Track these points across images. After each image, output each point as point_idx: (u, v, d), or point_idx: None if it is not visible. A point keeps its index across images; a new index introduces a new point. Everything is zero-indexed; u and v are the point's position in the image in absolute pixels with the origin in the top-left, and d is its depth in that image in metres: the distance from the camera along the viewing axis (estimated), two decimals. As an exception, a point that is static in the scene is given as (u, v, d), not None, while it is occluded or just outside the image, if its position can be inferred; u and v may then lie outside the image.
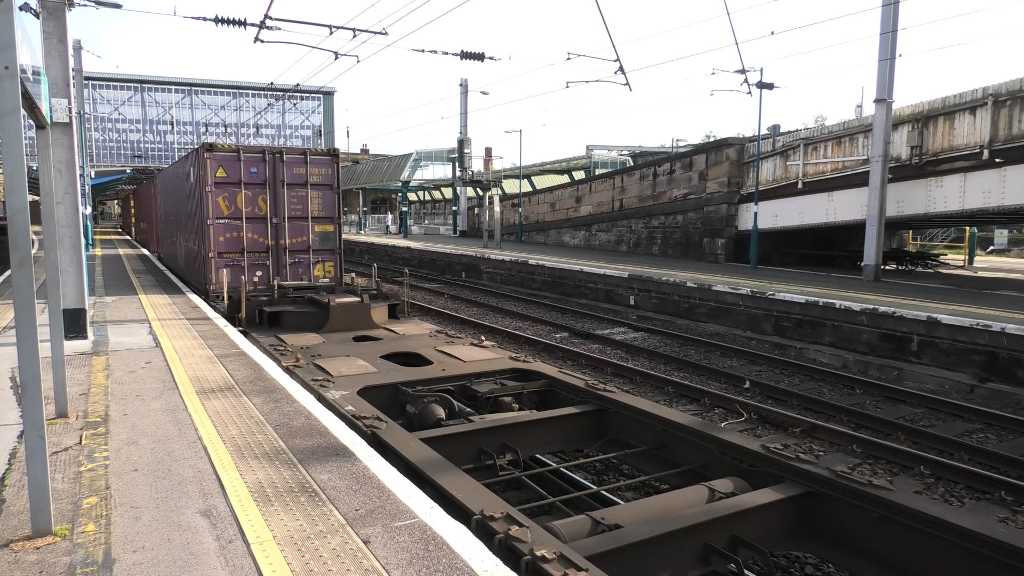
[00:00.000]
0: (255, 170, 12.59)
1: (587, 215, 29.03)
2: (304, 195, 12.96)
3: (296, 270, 13.12)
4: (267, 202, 12.71)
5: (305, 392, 6.06)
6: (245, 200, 12.53)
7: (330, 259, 13.43)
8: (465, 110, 35.73)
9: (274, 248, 12.88)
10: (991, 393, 9.76)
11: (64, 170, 8.25)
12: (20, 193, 3.29)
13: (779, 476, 4.80)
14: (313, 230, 13.15)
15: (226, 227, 12.49)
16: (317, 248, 13.24)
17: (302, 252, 13.16)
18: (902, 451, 7.35)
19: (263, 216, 12.74)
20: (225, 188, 12.39)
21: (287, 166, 12.78)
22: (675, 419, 5.76)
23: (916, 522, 4.07)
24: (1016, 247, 34.61)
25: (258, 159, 12.62)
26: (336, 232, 13.38)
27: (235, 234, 12.55)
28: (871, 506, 4.27)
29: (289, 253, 13.02)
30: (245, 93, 79.02)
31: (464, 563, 3.08)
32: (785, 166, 20.59)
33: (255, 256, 12.78)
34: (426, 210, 63.35)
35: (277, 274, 12.79)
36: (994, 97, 15.39)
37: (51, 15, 8.37)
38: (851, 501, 4.39)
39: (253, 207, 12.66)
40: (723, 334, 14.31)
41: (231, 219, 12.51)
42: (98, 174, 37.95)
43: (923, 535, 4.06)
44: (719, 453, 5.27)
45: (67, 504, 3.69)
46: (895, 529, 4.19)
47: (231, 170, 12.38)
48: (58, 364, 5.21)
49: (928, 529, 4.02)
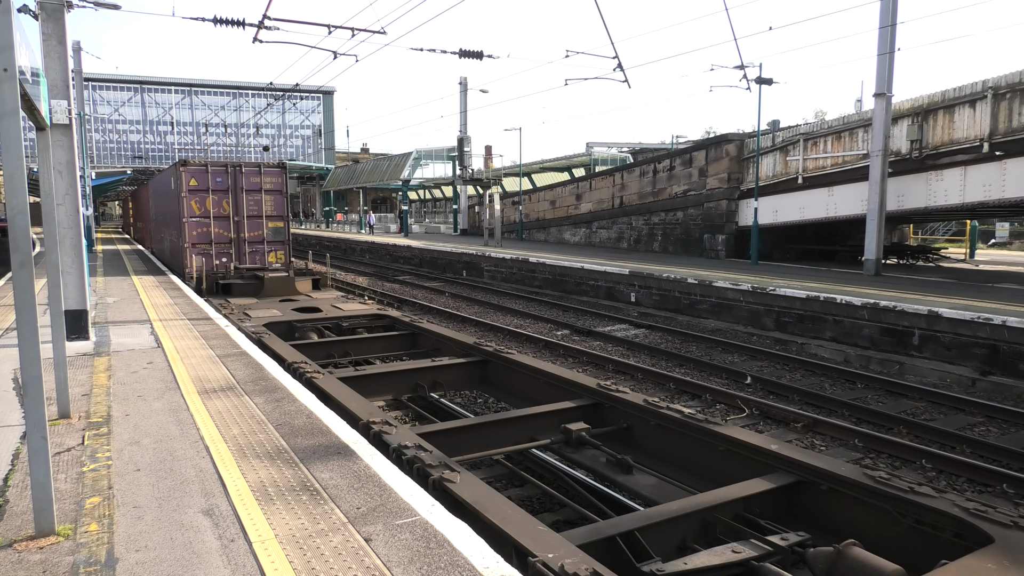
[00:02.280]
0: (220, 179, 15.88)
1: (587, 212, 29.02)
2: (259, 199, 16.32)
3: (254, 257, 16.39)
4: (230, 204, 16.02)
5: (306, 392, 6.08)
6: (213, 203, 15.85)
7: (281, 248, 16.74)
8: (464, 108, 35.72)
9: (236, 240, 16.20)
10: (993, 386, 9.76)
11: (64, 171, 8.26)
12: (20, 195, 3.29)
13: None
14: (267, 226, 16.54)
15: (198, 224, 15.73)
16: (270, 240, 16.62)
17: (258, 243, 16.49)
18: (904, 445, 7.36)
19: (227, 215, 16.03)
20: (197, 194, 15.67)
21: (245, 176, 16.09)
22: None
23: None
24: (1017, 240, 34.55)
25: (223, 171, 15.94)
26: (286, 227, 16.69)
27: (205, 229, 15.77)
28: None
29: (248, 243, 16.35)
30: (245, 93, 79.00)
31: (465, 560, 3.09)
32: (785, 161, 20.57)
33: (221, 246, 16.07)
34: (427, 209, 63.37)
35: (239, 260, 16.09)
36: (994, 90, 15.36)
37: (50, 17, 8.38)
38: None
39: (219, 208, 15.95)
40: (724, 330, 14.31)
41: (202, 218, 15.75)
42: (99, 175, 37.95)
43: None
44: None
45: (70, 504, 3.71)
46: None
47: (201, 180, 15.63)
48: (60, 365, 5.22)
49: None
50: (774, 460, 4.69)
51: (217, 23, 13.33)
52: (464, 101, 35.79)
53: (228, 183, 15.97)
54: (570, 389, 6.66)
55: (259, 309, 11.77)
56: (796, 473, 4.54)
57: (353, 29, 13.85)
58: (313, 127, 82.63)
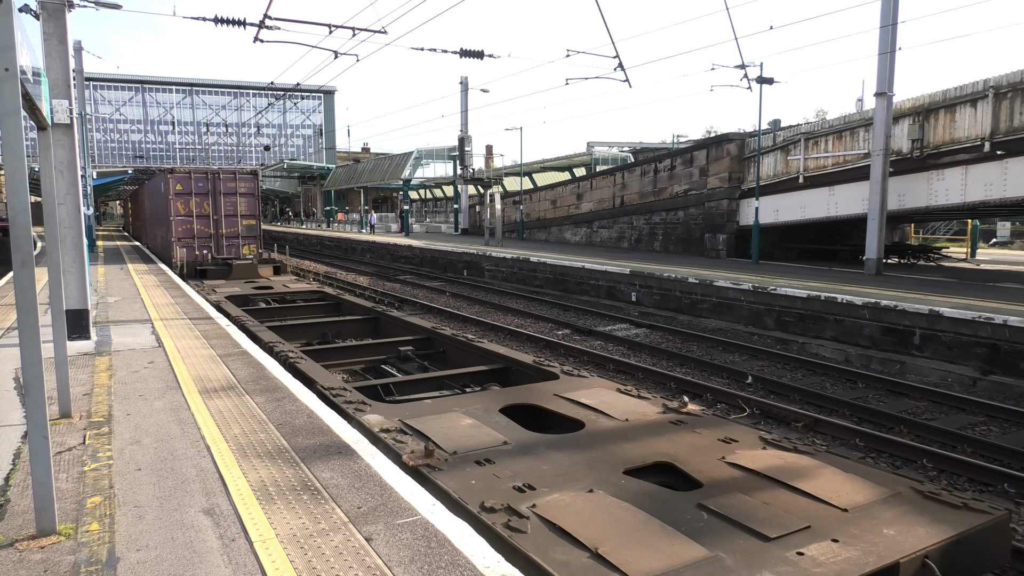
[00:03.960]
0: (202, 184, 18.98)
1: (588, 212, 29.01)
2: (235, 200, 19.49)
3: (230, 249, 19.55)
4: (210, 205, 19.15)
5: (307, 392, 6.09)
6: (195, 204, 19.03)
7: (253, 242, 19.88)
8: (465, 108, 35.71)
9: (215, 235, 19.29)
10: (994, 386, 9.75)
11: (65, 171, 8.26)
12: (22, 194, 3.30)
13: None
14: (241, 223, 19.64)
15: (183, 222, 18.86)
16: (244, 235, 19.76)
17: (234, 238, 19.61)
18: (905, 444, 7.36)
19: (207, 214, 19.13)
20: (181, 196, 18.81)
21: (223, 181, 19.28)
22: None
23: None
24: (1018, 239, 34.53)
25: (204, 177, 19.08)
26: (258, 224, 19.89)
27: (189, 226, 18.91)
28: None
29: (225, 238, 19.46)
30: (246, 93, 79.01)
31: (466, 560, 3.09)
32: (786, 161, 20.56)
33: (202, 240, 19.12)
34: (427, 208, 63.35)
35: (217, 251, 19.20)
36: (995, 89, 15.34)
37: (51, 16, 8.38)
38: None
39: (201, 208, 19.05)
40: (725, 329, 14.31)
41: (186, 216, 18.88)
42: (100, 175, 37.99)
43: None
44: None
45: (71, 503, 3.71)
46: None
47: (186, 185, 18.80)
48: (61, 365, 5.22)
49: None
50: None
51: (218, 23, 13.33)
52: (465, 100, 35.78)
53: (208, 187, 19.15)
54: (411, 330, 10.01)
55: (225, 287, 15.41)
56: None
57: (354, 29, 13.85)
58: (314, 127, 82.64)
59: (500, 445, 4.58)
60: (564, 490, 3.87)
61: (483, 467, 4.19)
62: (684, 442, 4.71)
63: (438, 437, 4.65)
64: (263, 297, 14.00)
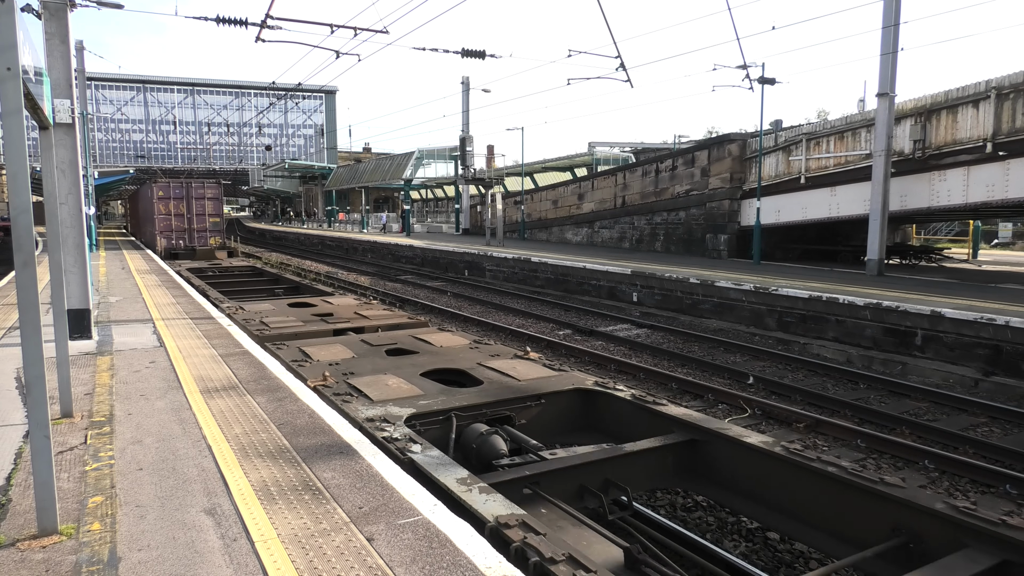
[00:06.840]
0: (178, 191, 27.69)
1: (590, 212, 29.00)
2: (204, 202, 28.29)
3: (201, 240, 28.17)
4: (184, 206, 27.77)
5: (308, 391, 6.09)
6: (174, 205, 27.69)
7: (217, 234, 28.73)
8: (467, 108, 35.69)
9: (188, 229, 27.94)
10: (996, 387, 9.74)
11: (67, 171, 8.26)
12: (23, 194, 3.30)
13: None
14: (209, 220, 28.47)
15: (164, 219, 27.35)
16: (211, 229, 28.62)
17: (204, 231, 28.35)
18: (907, 445, 7.35)
19: (183, 213, 27.72)
20: (163, 200, 27.43)
21: (194, 188, 28.00)
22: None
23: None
24: (1020, 240, 34.48)
25: (180, 184, 28.05)
26: (221, 221, 28.72)
27: (168, 223, 27.37)
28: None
29: (196, 232, 28.21)
30: (247, 92, 79.05)
31: (467, 560, 3.09)
32: (788, 161, 20.55)
33: (179, 233, 27.73)
34: (428, 208, 63.35)
35: (191, 241, 27.96)
36: (997, 90, 15.32)
37: (53, 16, 8.38)
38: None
39: (177, 209, 27.61)
40: (726, 330, 14.30)
41: (166, 215, 27.45)
42: (101, 174, 38.01)
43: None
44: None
45: (73, 503, 3.71)
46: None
47: (166, 191, 27.41)
48: (63, 364, 5.22)
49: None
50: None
51: (220, 23, 13.34)
52: (466, 101, 35.77)
53: (183, 193, 27.63)
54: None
55: (188, 264, 22.45)
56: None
57: (356, 28, 13.85)
58: (315, 126, 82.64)
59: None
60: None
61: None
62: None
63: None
64: (211, 269, 20.66)
